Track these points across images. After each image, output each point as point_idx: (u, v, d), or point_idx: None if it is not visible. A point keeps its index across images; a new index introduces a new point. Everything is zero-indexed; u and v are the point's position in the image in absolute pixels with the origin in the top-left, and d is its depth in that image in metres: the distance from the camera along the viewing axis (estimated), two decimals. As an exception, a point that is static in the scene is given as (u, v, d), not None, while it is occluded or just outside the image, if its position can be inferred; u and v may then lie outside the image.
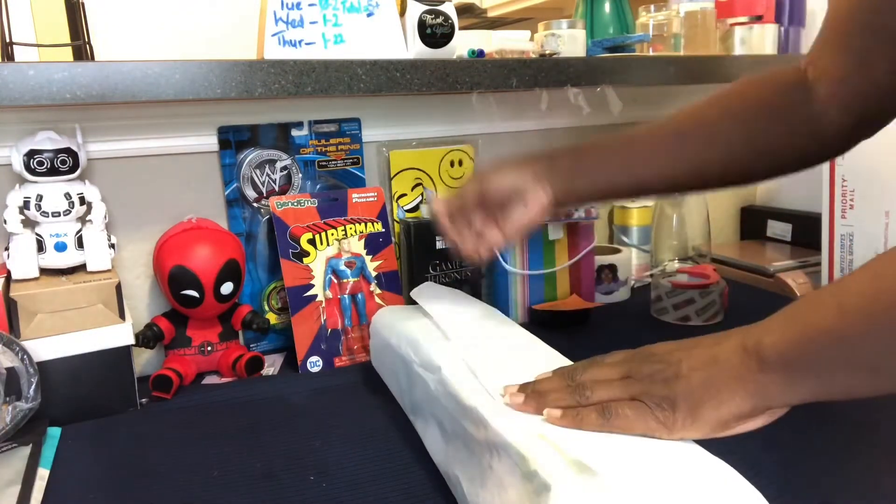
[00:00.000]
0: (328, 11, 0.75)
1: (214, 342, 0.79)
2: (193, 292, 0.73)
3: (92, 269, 0.71)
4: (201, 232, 0.76)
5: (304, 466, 0.57)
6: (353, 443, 0.61)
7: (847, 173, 0.91)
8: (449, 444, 0.50)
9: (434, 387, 0.53)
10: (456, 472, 0.48)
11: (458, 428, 0.48)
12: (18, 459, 0.58)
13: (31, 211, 0.69)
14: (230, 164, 0.82)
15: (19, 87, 0.59)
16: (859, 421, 0.61)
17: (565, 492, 0.36)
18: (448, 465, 0.50)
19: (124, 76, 0.63)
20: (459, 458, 0.48)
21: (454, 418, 0.49)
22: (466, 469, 0.46)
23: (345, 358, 0.81)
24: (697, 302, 0.88)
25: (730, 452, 0.58)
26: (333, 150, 0.87)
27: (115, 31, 0.78)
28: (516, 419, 0.44)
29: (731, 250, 1.13)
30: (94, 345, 0.67)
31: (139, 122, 0.78)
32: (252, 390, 0.74)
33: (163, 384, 0.72)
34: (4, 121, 0.72)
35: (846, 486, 0.52)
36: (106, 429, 0.65)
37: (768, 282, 1.01)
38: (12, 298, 0.65)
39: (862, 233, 0.90)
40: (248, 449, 0.61)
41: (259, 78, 0.68)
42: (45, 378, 0.64)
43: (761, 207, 1.23)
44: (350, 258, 0.83)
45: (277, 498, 0.53)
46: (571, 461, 0.39)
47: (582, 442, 0.41)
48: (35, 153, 0.67)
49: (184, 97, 0.66)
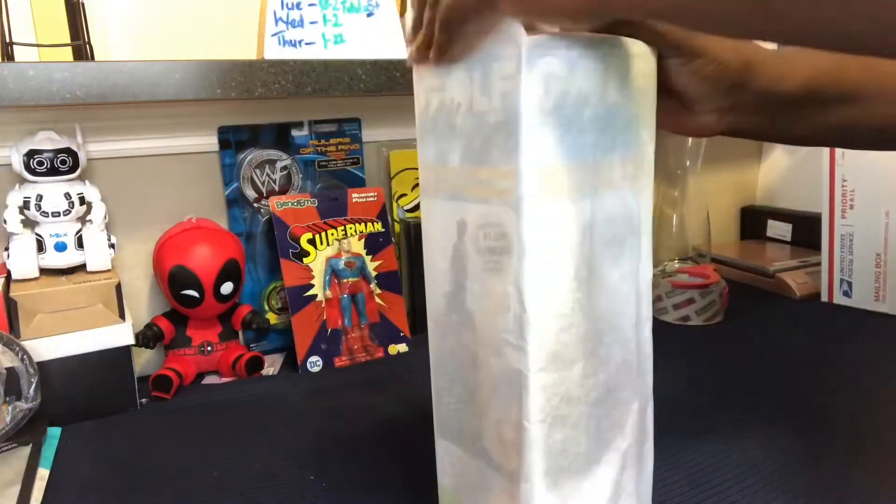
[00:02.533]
0: (328, 11, 0.75)
1: (214, 342, 0.79)
2: (193, 292, 0.73)
3: (92, 269, 0.71)
4: (201, 232, 0.76)
5: (304, 466, 0.57)
6: (353, 443, 0.61)
7: (847, 173, 0.91)
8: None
9: None
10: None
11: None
12: (18, 459, 0.58)
13: (31, 211, 0.69)
14: (230, 164, 0.82)
15: (19, 87, 0.59)
16: (859, 422, 0.61)
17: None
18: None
19: (124, 76, 0.63)
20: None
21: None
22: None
23: (345, 358, 0.81)
24: (697, 302, 0.88)
25: (729, 452, 0.58)
26: (333, 150, 0.87)
27: (115, 31, 0.78)
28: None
29: (731, 250, 1.13)
30: (94, 345, 0.67)
31: (139, 122, 0.78)
32: (252, 390, 0.74)
33: (163, 384, 0.72)
34: (4, 121, 0.72)
35: (846, 486, 0.52)
36: (106, 429, 0.65)
37: (768, 282, 1.01)
38: (12, 298, 0.65)
39: (862, 233, 0.90)
40: (248, 449, 0.61)
41: (259, 78, 0.68)
42: (45, 378, 0.64)
43: (761, 207, 1.23)
44: (350, 258, 0.83)
45: (277, 498, 0.53)
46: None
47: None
48: (35, 153, 0.67)
49: (184, 97, 0.66)
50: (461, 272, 0.40)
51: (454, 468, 0.45)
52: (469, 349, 0.41)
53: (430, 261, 0.43)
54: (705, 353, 0.79)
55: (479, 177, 0.37)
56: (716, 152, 1.17)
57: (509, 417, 0.38)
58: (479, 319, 0.39)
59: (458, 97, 0.38)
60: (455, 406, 0.44)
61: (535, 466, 0.38)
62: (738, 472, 0.54)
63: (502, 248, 0.36)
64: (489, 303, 0.38)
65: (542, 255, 0.35)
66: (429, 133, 0.41)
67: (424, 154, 0.42)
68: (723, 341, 0.82)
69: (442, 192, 0.41)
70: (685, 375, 0.72)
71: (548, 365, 0.37)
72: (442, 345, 0.44)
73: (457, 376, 0.43)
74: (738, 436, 0.59)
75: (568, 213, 0.36)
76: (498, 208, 0.36)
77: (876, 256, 0.89)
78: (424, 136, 0.42)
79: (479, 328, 0.39)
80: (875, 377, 0.70)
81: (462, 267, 0.40)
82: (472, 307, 0.40)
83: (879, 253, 0.89)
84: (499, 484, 0.40)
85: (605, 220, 0.38)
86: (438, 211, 0.41)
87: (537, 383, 0.37)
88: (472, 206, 0.38)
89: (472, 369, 0.41)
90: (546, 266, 0.36)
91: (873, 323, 0.86)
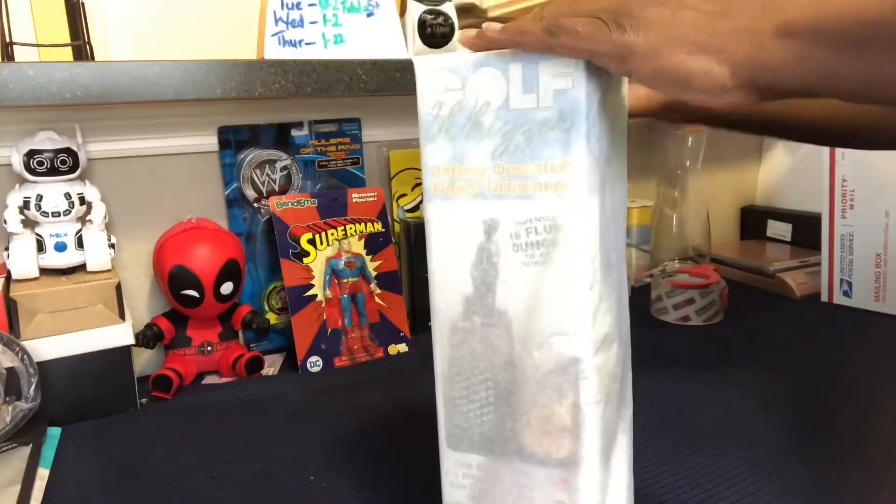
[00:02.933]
0: (328, 11, 0.75)
1: (214, 342, 0.79)
2: (193, 292, 0.73)
3: (92, 269, 0.71)
4: (201, 232, 0.76)
5: (304, 466, 0.57)
6: (353, 443, 0.61)
7: (847, 173, 0.91)
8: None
9: None
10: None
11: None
12: (18, 459, 0.58)
13: (31, 211, 0.69)
14: (230, 164, 0.82)
15: (19, 87, 0.59)
16: (859, 422, 0.61)
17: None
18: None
19: (124, 76, 0.63)
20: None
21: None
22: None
23: (345, 358, 0.81)
24: (697, 302, 0.88)
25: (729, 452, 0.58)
26: (333, 150, 0.87)
27: (115, 31, 0.78)
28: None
29: (731, 250, 1.13)
30: (94, 345, 0.67)
31: (139, 122, 0.78)
32: (252, 390, 0.74)
33: (163, 384, 0.72)
34: (4, 121, 0.72)
35: (846, 486, 0.52)
36: (106, 429, 0.65)
37: (768, 282, 1.01)
38: (12, 298, 0.65)
39: (862, 233, 0.90)
40: (248, 449, 0.61)
41: (259, 78, 0.68)
42: (45, 378, 0.64)
43: (761, 207, 1.23)
44: (350, 258, 0.83)
45: (277, 498, 0.53)
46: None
47: None
48: (35, 153, 0.67)
49: (184, 97, 0.66)
50: (489, 272, 0.41)
51: (473, 479, 0.44)
52: (499, 349, 0.41)
53: (443, 265, 0.42)
54: (705, 353, 0.79)
55: (524, 173, 0.38)
56: (716, 152, 1.17)
57: (562, 406, 0.39)
58: (515, 317, 0.40)
59: (487, 96, 0.39)
60: (478, 412, 0.43)
61: (593, 446, 0.39)
62: (738, 472, 0.54)
63: (551, 241, 0.38)
64: (529, 298, 0.39)
65: (591, 242, 0.38)
66: (441, 134, 0.41)
67: (435, 156, 0.42)
68: (723, 341, 0.82)
69: (462, 193, 0.41)
70: (685, 375, 0.72)
71: (600, 346, 0.39)
72: (458, 352, 0.43)
73: (480, 381, 0.43)
74: (738, 436, 0.59)
75: (599, 202, 0.38)
76: (549, 202, 0.38)
77: (876, 256, 0.89)
78: (434, 138, 0.41)
79: (515, 325, 0.40)
80: (875, 377, 0.70)
81: (490, 267, 0.40)
82: (503, 306, 0.40)
83: (879, 253, 0.89)
84: (545, 477, 0.41)
85: (612, 209, 0.40)
86: (456, 213, 0.41)
87: (594, 366, 0.39)
88: (508, 203, 0.39)
89: (505, 370, 0.41)
90: (593, 253, 0.38)
91: (873, 323, 0.86)
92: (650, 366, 0.74)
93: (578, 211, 0.37)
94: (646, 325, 0.89)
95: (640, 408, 0.65)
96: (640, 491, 0.52)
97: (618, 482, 0.43)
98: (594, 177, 0.37)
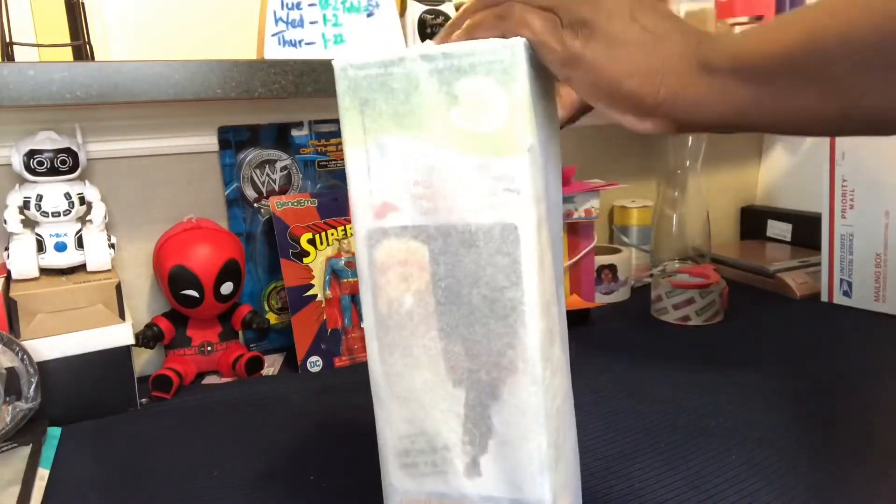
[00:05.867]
0: (328, 11, 0.75)
1: (214, 342, 0.79)
2: (193, 292, 0.73)
3: (92, 269, 0.71)
4: (201, 232, 0.76)
5: (304, 466, 0.57)
6: (353, 443, 0.61)
7: (847, 173, 0.91)
8: None
9: None
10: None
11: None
12: (18, 459, 0.58)
13: (31, 211, 0.69)
14: (230, 164, 0.82)
15: (19, 87, 0.59)
16: (859, 422, 0.61)
17: None
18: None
19: (124, 76, 0.63)
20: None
21: None
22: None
23: (345, 358, 0.81)
24: (697, 302, 0.88)
25: (729, 452, 0.58)
26: (333, 150, 0.87)
27: (115, 31, 0.78)
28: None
29: (731, 250, 1.13)
30: (94, 345, 0.67)
31: (139, 122, 0.78)
32: (252, 390, 0.74)
33: (163, 384, 0.72)
34: (4, 121, 0.72)
35: (846, 486, 0.52)
36: (106, 429, 0.65)
37: (768, 282, 1.01)
38: (12, 298, 0.65)
39: (862, 233, 0.90)
40: (248, 449, 0.61)
41: (259, 78, 0.68)
42: (45, 378, 0.64)
43: (761, 207, 1.23)
44: (350, 258, 0.83)
45: (277, 498, 0.53)
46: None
47: None
48: (35, 153, 0.67)
49: (184, 97, 0.66)
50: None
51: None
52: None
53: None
54: (705, 353, 0.79)
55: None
56: (716, 152, 1.17)
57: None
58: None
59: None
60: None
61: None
62: (738, 472, 0.54)
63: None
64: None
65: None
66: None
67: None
68: (723, 341, 0.82)
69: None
70: (685, 375, 0.72)
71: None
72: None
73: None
74: (738, 436, 0.59)
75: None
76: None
77: (876, 256, 0.89)
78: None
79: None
80: (875, 377, 0.70)
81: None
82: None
83: (879, 253, 0.89)
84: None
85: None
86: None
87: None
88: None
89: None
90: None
91: (873, 323, 0.86)
92: (650, 366, 0.74)
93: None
94: (646, 326, 0.89)
95: (640, 408, 0.65)
96: (640, 491, 0.52)
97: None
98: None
